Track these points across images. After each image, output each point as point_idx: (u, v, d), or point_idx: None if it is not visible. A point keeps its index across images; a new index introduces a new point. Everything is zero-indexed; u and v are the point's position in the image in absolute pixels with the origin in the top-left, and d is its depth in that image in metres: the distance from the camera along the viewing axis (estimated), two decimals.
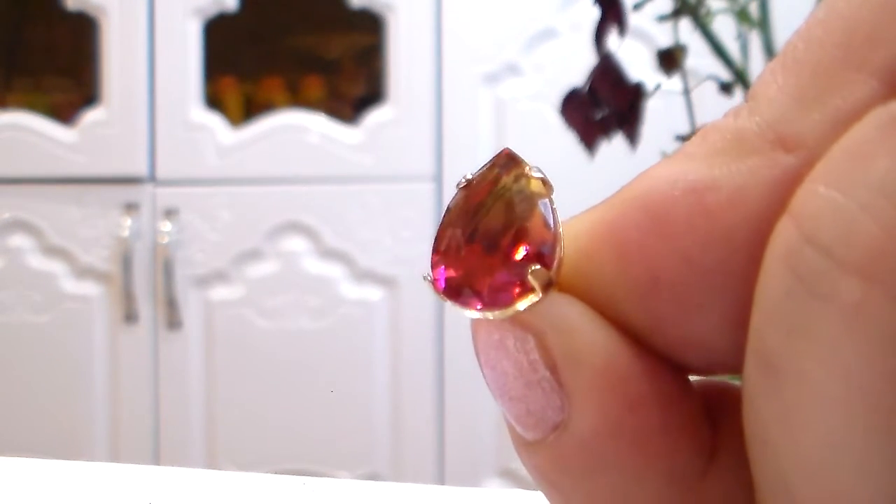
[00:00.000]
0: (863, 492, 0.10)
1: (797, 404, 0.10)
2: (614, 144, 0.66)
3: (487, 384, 0.14)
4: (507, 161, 0.14)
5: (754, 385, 0.11)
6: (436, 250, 0.14)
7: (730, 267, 0.12)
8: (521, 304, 0.13)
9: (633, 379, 0.12)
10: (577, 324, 0.13)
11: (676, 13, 0.69)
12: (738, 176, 0.12)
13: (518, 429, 0.13)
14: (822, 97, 0.11)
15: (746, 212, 0.11)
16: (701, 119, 0.71)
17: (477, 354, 0.13)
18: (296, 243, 1.47)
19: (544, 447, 0.13)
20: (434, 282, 0.13)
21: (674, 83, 0.71)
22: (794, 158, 0.11)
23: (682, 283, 0.12)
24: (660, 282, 0.12)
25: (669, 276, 0.12)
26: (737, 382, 0.13)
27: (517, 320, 0.13)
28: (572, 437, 0.13)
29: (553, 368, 0.12)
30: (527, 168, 0.13)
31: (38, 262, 1.51)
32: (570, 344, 0.12)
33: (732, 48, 0.72)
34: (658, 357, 0.13)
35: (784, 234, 0.11)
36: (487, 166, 0.14)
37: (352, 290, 1.47)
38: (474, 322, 0.13)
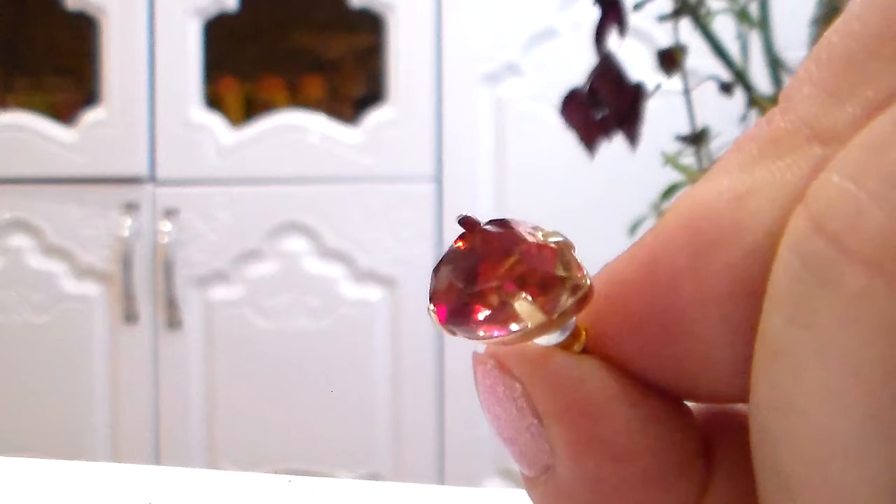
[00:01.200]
0: (859, 482, 0.10)
1: (796, 392, 0.10)
2: (614, 144, 0.66)
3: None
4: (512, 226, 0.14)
5: (757, 374, 0.11)
6: (436, 289, 0.14)
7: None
8: (515, 326, 0.13)
9: (622, 433, 0.13)
10: (564, 377, 0.13)
11: (676, 13, 0.69)
12: (777, 175, 0.11)
13: (517, 464, 0.14)
14: (856, 89, 0.11)
15: (784, 206, 0.11)
16: (701, 119, 0.71)
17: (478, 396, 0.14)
18: (296, 243, 1.47)
19: (539, 484, 0.13)
20: (436, 312, 0.14)
21: (674, 83, 0.71)
22: (830, 150, 0.11)
23: (727, 299, 0.12)
24: (708, 303, 0.12)
25: (715, 294, 0.12)
26: (741, 407, 0.13)
27: (506, 368, 0.13)
28: (559, 481, 0.13)
29: (538, 417, 0.13)
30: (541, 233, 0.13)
31: (38, 262, 1.51)
32: (553, 396, 0.13)
33: (732, 48, 0.72)
34: (664, 398, 0.13)
35: (795, 222, 0.11)
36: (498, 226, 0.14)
37: (352, 290, 1.47)
38: (474, 367, 0.14)
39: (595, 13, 0.65)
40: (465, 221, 0.13)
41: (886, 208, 0.10)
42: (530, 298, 0.13)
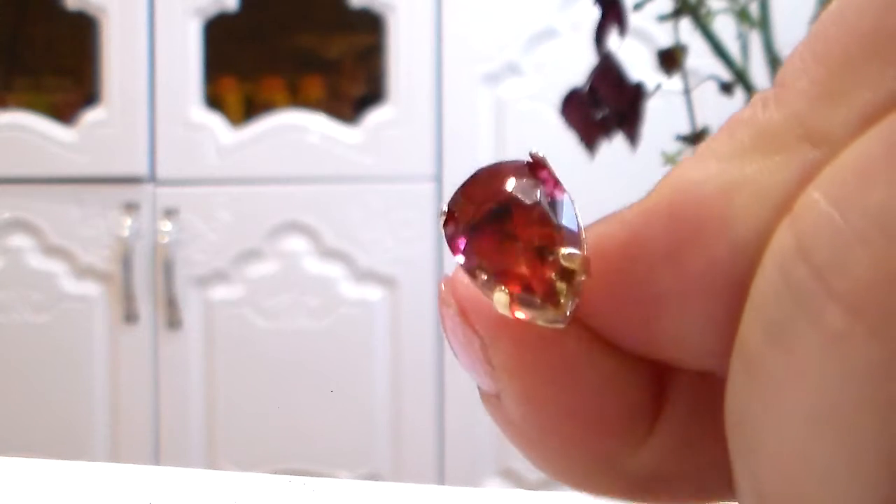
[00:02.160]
0: (832, 502, 0.10)
1: (769, 408, 0.10)
2: (614, 144, 0.66)
3: None
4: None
5: (734, 377, 0.11)
6: (453, 215, 0.14)
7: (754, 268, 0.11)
8: (521, 314, 0.13)
9: (561, 368, 0.13)
10: (524, 345, 0.13)
11: (677, 13, 0.69)
12: (765, 173, 0.11)
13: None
14: (851, 90, 0.11)
15: (771, 209, 0.11)
16: (701, 119, 0.71)
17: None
18: (296, 243, 1.47)
19: (492, 405, 0.14)
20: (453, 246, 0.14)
21: (674, 83, 0.71)
22: (820, 153, 0.11)
23: (707, 289, 0.12)
24: (685, 293, 0.12)
25: (695, 283, 0.12)
26: None
27: (468, 320, 0.13)
28: (506, 412, 0.13)
29: (492, 367, 0.13)
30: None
31: (38, 262, 1.51)
32: (509, 361, 0.13)
33: (732, 48, 0.72)
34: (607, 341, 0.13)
35: (782, 240, 0.11)
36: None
37: (352, 290, 1.47)
38: (439, 304, 0.14)
39: (595, 13, 0.65)
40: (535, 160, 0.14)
41: (869, 251, 0.10)
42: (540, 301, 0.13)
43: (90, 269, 1.50)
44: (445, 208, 0.14)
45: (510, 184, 0.13)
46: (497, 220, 0.13)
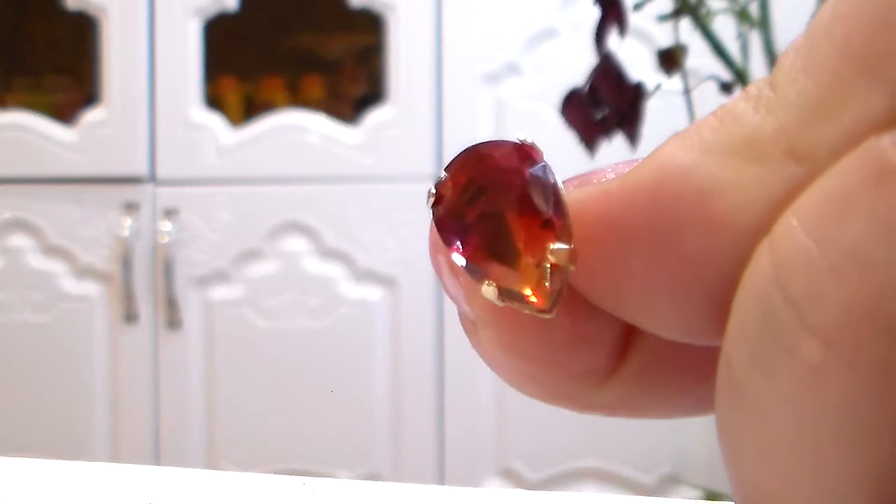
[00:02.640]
0: None
1: (753, 429, 0.11)
2: (614, 144, 0.66)
3: None
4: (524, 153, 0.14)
5: (722, 393, 0.11)
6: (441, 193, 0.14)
7: (729, 274, 0.11)
8: (501, 302, 0.13)
9: (532, 323, 0.13)
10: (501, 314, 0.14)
11: (676, 13, 0.69)
12: (746, 183, 0.11)
13: None
14: (838, 108, 0.11)
15: (751, 223, 0.11)
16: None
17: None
18: (296, 243, 1.47)
19: (469, 331, 0.15)
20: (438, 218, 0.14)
21: (674, 83, 0.71)
22: (804, 171, 0.11)
23: (676, 283, 0.12)
24: (655, 281, 0.12)
25: (665, 274, 0.12)
26: None
27: (457, 272, 0.14)
28: (480, 339, 0.14)
29: (474, 314, 0.14)
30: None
31: (38, 262, 1.51)
32: (487, 318, 0.14)
33: (732, 48, 0.72)
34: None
35: (760, 268, 0.11)
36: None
37: (352, 290, 1.47)
38: (431, 246, 0.14)
39: (595, 13, 0.65)
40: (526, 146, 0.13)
41: (844, 286, 0.10)
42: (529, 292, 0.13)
43: (90, 269, 1.50)
44: (434, 190, 0.14)
45: (499, 166, 0.13)
46: (486, 205, 0.13)
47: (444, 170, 0.14)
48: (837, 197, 0.10)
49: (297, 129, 1.48)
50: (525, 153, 0.13)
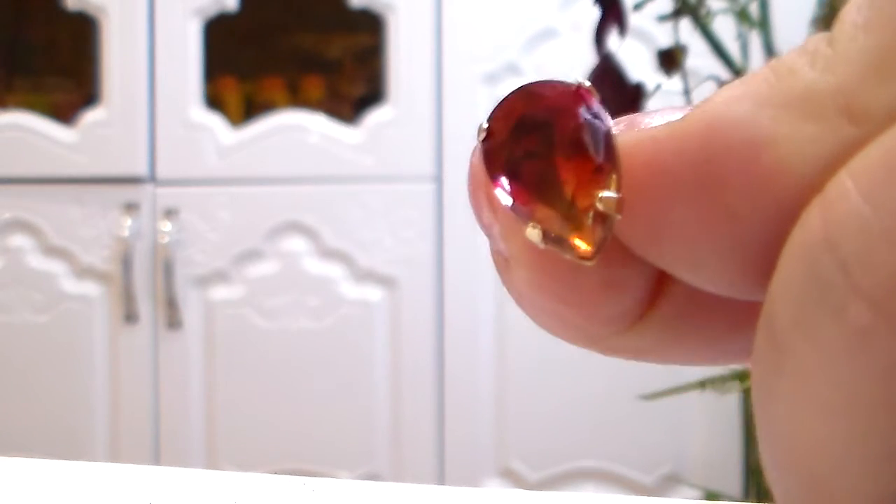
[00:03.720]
0: (842, 491, 0.10)
1: (792, 390, 0.11)
2: None
3: None
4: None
5: (761, 348, 0.11)
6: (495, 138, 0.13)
7: (776, 230, 0.11)
8: (544, 245, 0.13)
9: (567, 267, 0.13)
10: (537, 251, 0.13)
11: (676, 13, 0.69)
12: (799, 139, 0.11)
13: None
14: None
15: (801, 180, 0.11)
16: None
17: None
18: (296, 243, 1.47)
19: (501, 266, 0.15)
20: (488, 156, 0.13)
21: (674, 83, 0.71)
22: (858, 131, 0.11)
23: (721, 235, 0.12)
24: (700, 232, 0.12)
25: (710, 226, 0.12)
26: None
27: (497, 210, 0.14)
28: (511, 275, 0.14)
29: (506, 252, 0.14)
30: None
31: (38, 262, 1.51)
32: (522, 256, 0.14)
33: (732, 48, 0.72)
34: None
35: (810, 224, 0.10)
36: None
37: (352, 290, 1.47)
38: (472, 178, 0.14)
39: (595, 13, 0.65)
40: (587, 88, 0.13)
41: None
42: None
43: (90, 269, 1.50)
44: (486, 125, 0.14)
45: (553, 107, 0.13)
46: (536, 145, 0.13)
47: (498, 105, 0.13)
48: (893, 161, 0.10)
49: (297, 129, 1.48)
50: (580, 96, 0.13)
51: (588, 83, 0.13)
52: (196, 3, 1.48)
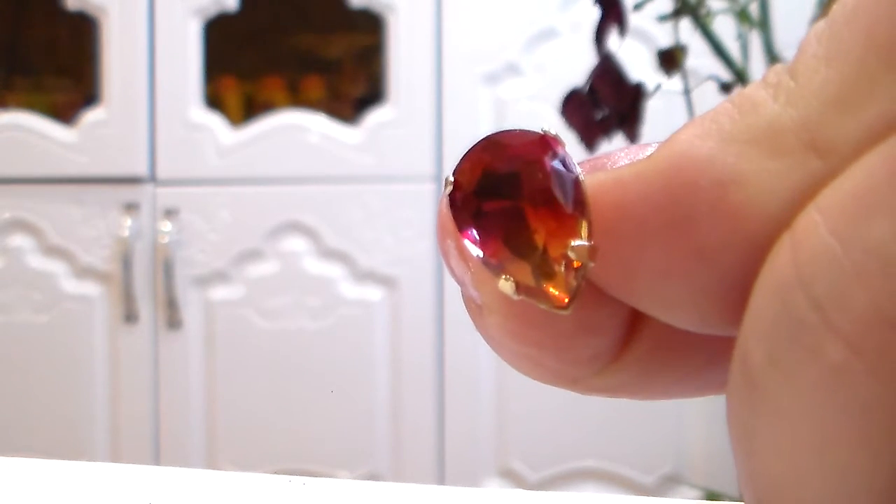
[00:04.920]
0: None
1: (769, 427, 0.11)
2: (615, 144, 0.66)
3: None
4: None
5: (736, 385, 0.11)
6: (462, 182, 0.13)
7: (746, 266, 0.11)
8: (517, 296, 0.13)
9: (538, 313, 0.13)
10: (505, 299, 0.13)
11: (676, 13, 0.69)
12: (765, 175, 0.11)
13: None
14: (863, 101, 0.10)
15: (769, 216, 0.11)
16: None
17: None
18: (296, 243, 1.47)
19: (473, 312, 0.14)
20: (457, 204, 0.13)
21: (674, 83, 0.71)
22: (825, 165, 0.11)
23: (692, 274, 0.12)
24: (670, 272, 0.12)
25: (680, 265, 0.12)
26: None
27: (466, 258, 0.13)
28: (484, 322, 0.14)
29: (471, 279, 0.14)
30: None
31: (38, 262, 1.51)
32: (494, 306, 0.14)
33: (732, 48, 0.72)
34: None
35: (781, 264, 0.10)
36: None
37: (352, 290, 1.47)
38: (440, 232, 0.14)
39: (595, 13, 0.65)
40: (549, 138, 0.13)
41: (868, 289, 0.09)
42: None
43: (90, 269, 1.50)
44: (452, 178, 0.13)
45: (520, 157, 0.13)
46: (505, 196, 0.13)
47: (464, 156, 0.13)
48: (861, 195, 0.10)
49: (297, 129, 1.48)
50: (547, 144, 0.13)
51: (553, 131, 0.13)
52: (196, 3, 1.48)
